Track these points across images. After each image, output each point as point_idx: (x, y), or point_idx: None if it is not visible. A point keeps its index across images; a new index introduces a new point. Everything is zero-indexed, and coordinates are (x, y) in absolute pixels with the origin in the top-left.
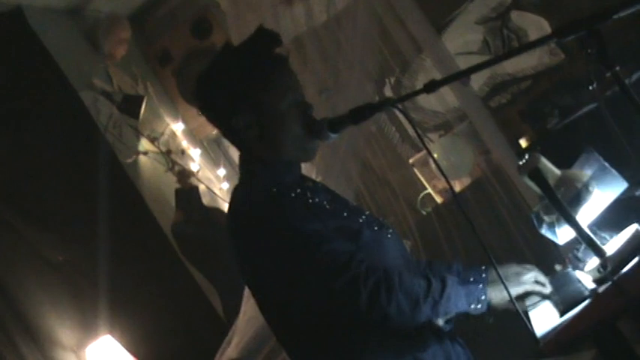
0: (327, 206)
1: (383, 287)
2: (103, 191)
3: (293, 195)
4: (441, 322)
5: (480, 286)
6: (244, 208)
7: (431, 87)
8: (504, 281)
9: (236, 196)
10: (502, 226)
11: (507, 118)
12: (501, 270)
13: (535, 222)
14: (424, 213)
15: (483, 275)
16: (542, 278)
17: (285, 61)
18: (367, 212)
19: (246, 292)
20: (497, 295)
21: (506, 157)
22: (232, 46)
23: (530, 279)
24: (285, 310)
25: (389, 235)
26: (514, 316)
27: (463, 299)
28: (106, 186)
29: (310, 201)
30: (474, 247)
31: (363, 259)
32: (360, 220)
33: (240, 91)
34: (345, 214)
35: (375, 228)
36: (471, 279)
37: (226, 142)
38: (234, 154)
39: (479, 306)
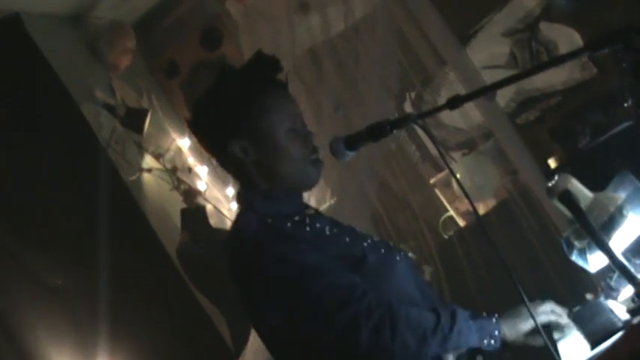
0: (327, 232)
1: (387, 323)
2: (104, 211)
3: (289, 225)
4: (451, 358)
5: (494, 320)
6: (239, 240)
7: (454, 103)
8: (517, 317)
9: (234, 228)
10: (529, 251)
11: (535, 137)
12: (512, 310)
13: (565, 248)
14: (446, 237)
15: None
16: (559, 309)
17: (284, 87)
18: (374, 237)
19: None
20: (512, 330)
21: (534, 178)
22: (230, 69)
23: (547, 309)
24: (287, 345)
25: (398, 258)
26: (537, 351)
27: (475, 334)
28: (107, 205)
29: (308, 228)
30: (498, 274)
31: (366, 292)
32: (365, 245)
33: (237, 118)
34: (347, 239)
35: (382, 251)
36: (484, 312)
37: None
38: None
39: (492, 342)
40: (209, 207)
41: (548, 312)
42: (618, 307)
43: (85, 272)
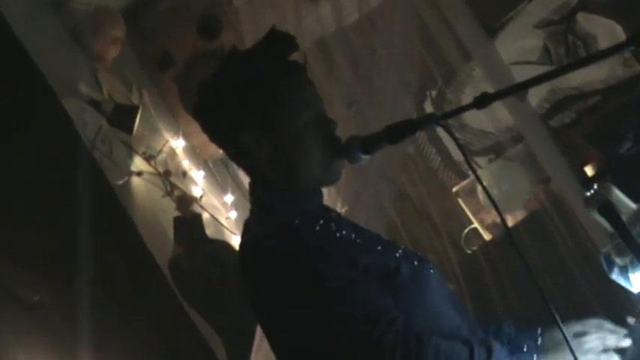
0: (357, 240)
1: (413, 357)
2: (88, 219)
3: (317, 228)
4: None
5: (534, 357)
6: (261, 245)
7: (481, 102)
8: (554, 351)
9: (249, 231)
10: (563, 269)
11: (571, 141)
12: (557, 333)
13: (604, 265)
14: (469, 251)
15: (538, 343)
16: (611, 342)
17: (302, 69)
18: (402, 246)
19: (256, 344)
20: None
21: (570, 186)
22: (240, 51)
23: (597, 347)
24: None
25: (431, 271)
26: None
27: None
28: (91, 212)
29: (337, 234)
30: (528, 295)
31: (394, 320)
32: (397, 255)
33: (249, 105)
34: (379, 247)
35: (415, 263)
36: (524, 347)
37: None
38: (245, 177)
39: None
40: (205, 216)
41: (599, 350)
42: None
43: (66, 288)
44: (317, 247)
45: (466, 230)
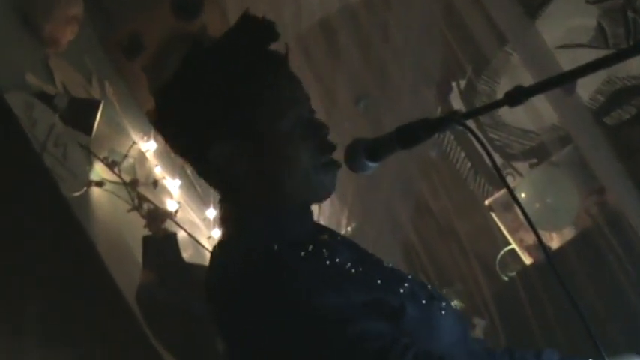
0: (352, 270)
1: None
2: (37, 239)
3: (303, 254)
4: None
5: None
6: (232, 275)
7: (517, 96)
8: None
9: (219, 258)
10: (619, 297)
11: (631, 142)
12: None
13: None
14: (505, 278)
15: None
16: None
17: (283, 62)
18: (409, 276)
19: None
20: None
21: (628, 199)
22: (205, 42)
23: None
24: None
25: (443, 312)
26: None
27: None
28: (41, 231)
29: (328, 262)
30: (575, 328)
31: (408, 348)
32: (401, 291)
33: (220, 108)
34: (379, 281)
35: (423, 301)
36: None
37: None
38: None
39: None
40: (181, 234)
41: None
42: None
43: (5, 325)
44: (301, 275)
45: (501, 252)
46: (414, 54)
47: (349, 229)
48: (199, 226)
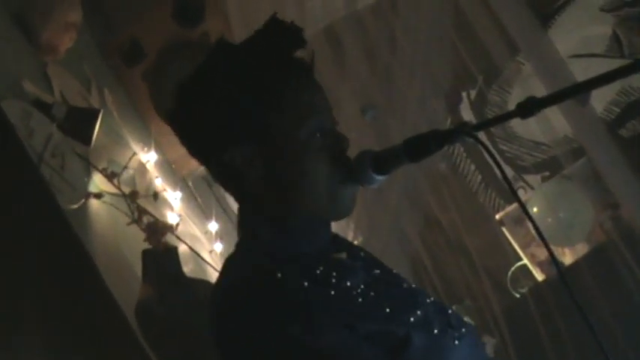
0: (360, 299)
1: None
2: (34, 252)
3: (306, 284)
4: None
5: None
6: (228, 301)
7: (529, 108)
8: None
9: (224, 276)
10: (634, 314)
11: None
12: None
13: None
14: (517, 295)
15: None
16: None
17: (308, 69)
18: (428, 299)
19: None
20: None
21: None
22: (230, 44)
23: None
24: None
25: (457, 342)
26: None
27: None
28: (37, 244)
29: (333, 292)
30: (589, 347)
31: None
32: (412, 320)
33: (241, 112)
34: (388, 310)
35: (435, 331)
36: None
37: None
38: (234, 201)
39: None
40: (182, 248)
41: None
42: None
43: (3, 339)
44: (297, 314)
45: (513, 268)
46: (422, 63)
47: (356, 243)
48: (201, 239)
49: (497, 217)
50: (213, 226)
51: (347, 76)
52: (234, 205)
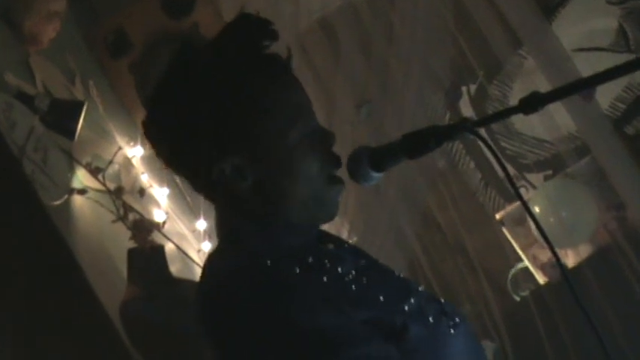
0: (353, 285)
1: None
2: (15, 250)
3: (298, 270)
4: None
5: None
6: (219, 289)
7: (532, 104)
8: None
9: (209, 269)
10: (639, 318)
11: None
12: None
13: None
14: (518, 298)
15: None
16: None
17: (285, 67)
18: (420, 288)
19: None
20: None
21: None
22: (196, 44)
23: None
24: None
25: (452, 330)
26: None
27: None
28: (19, 241)
29: (325, 278)
30: (593, 353)
31: None
32: (406, 308)
33: (221, 122)
34: (382, 297)
35: (431, 319)
36: None
37: None
38: None
39: None
40: (169, 247)
41: None
42: None
43: None
44: (295, 293)
45: (513, 270)
46: (420, 56)
47: (350, 242)
48: (189, 238)
49: (497, 216)
50: (201, 224)
51: (342, 69)
52: None
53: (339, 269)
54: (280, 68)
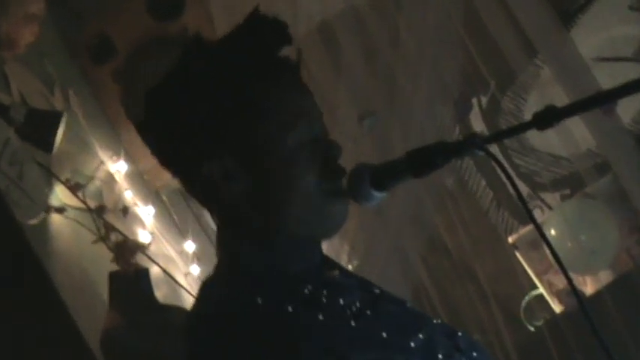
0: (353, 322)
1: None
2: None
3: (290, 309)
4: None
5: None
6: (201, 327)
7: (548, 118)
8: None
9: (202, 299)
10: None
11: None
12: None
13: None
14: (532, 328)
15: None
16: None
17: (294, 70)
18: (436, 321)
19: None
20: None
21: None
22: (205, 42)
23: None
24: None
25: None
26: None
27: None
28: None
29: (321, 316)
30: None
31: None
32: (412, 344)
33: (216, 118)
34: (385, 334)
35: (440, 356)
36: None
37: None
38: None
39: None
40: (155, 270)
41: None
42: None
43: None
44: (284, 335)
45: (527, 298)
46: (428, 64)
47: (351, 266)
48: (176, 260)
49: (510, 240)
50: (189, 245)
51: (343, 78)
52: (213, 223)
53: (341, 301)
54: (286, 70)
